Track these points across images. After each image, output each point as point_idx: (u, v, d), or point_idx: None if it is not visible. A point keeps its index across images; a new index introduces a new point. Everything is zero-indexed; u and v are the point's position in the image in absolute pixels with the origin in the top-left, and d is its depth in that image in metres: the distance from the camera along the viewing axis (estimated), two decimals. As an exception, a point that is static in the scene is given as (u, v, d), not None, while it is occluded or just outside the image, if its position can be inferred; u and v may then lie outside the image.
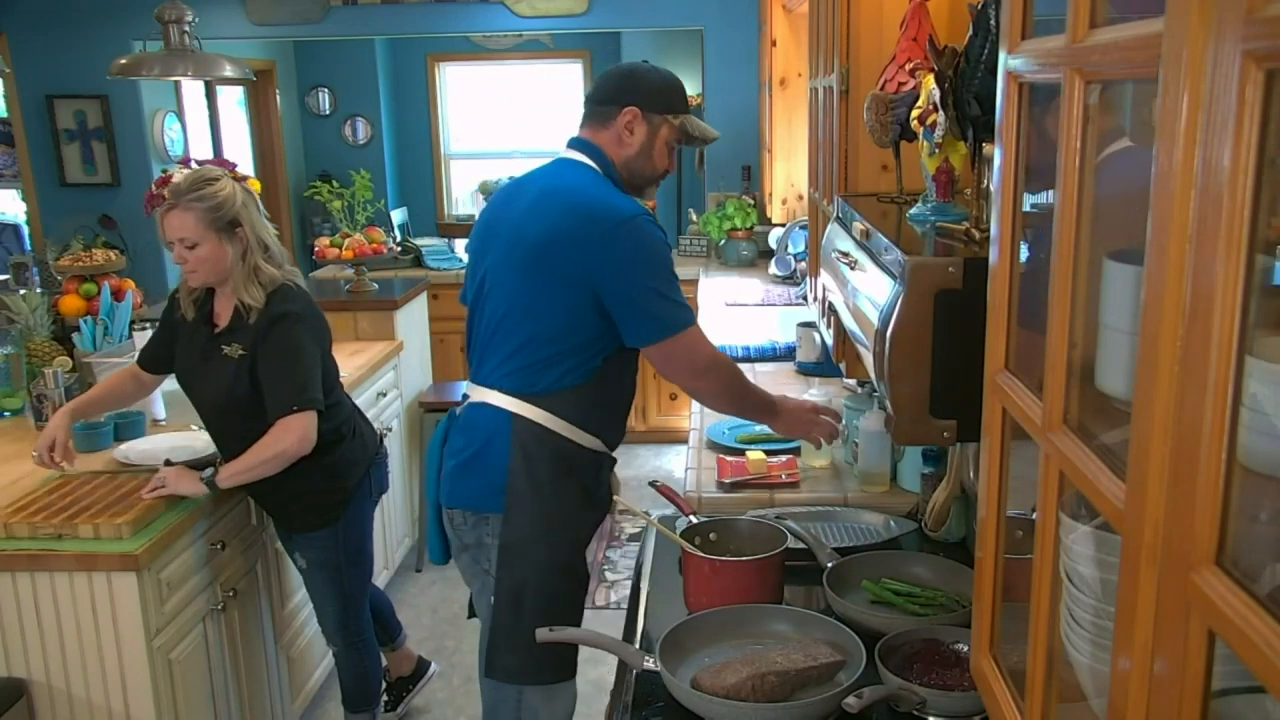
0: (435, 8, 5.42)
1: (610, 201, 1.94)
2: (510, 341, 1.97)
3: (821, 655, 1.55)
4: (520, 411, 1.95)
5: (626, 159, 2.03)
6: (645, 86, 2.03)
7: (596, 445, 2.02)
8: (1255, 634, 0.53)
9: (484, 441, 1.98)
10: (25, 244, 6.10)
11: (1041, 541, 0.92)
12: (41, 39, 5.44)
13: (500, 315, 1.98)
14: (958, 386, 1.24)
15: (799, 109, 4.32)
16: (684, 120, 2.05)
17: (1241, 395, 0.58)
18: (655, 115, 2.02)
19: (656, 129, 2.02)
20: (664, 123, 2.02)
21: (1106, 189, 0.84)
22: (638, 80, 2.04)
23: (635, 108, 2.00)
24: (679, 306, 1.94)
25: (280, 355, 2.33)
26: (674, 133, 2.04)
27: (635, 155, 2.03)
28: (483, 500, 1.98)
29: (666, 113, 2.02)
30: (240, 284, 2.34)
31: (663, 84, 2.05)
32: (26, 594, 2.16)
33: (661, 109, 2.02)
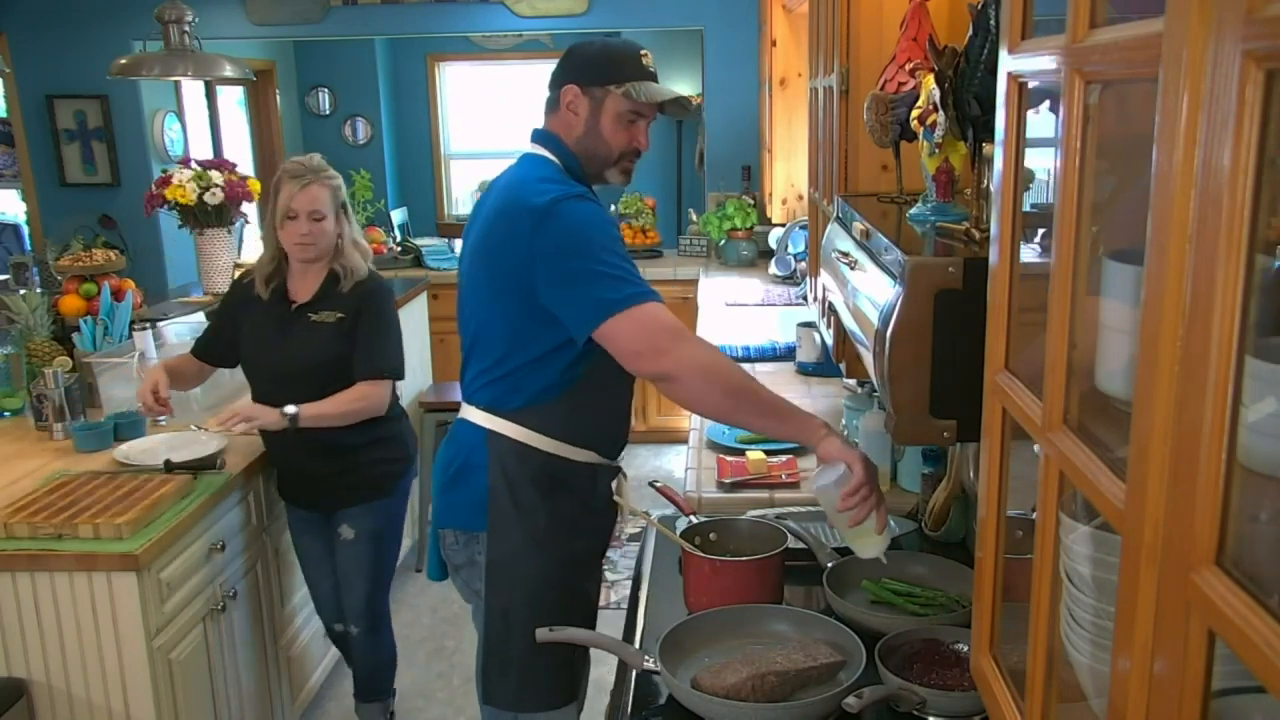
0: (435, 8, 5.42)
1: (531, 192, 1.78)
2: (485, 355, 1.88)
3: (821, 655, 1.55)
4: (497, 429, 1.85)
5: (578, 140, 1.89)
6: (581, 60, 1.89)
7: (590, 458, 1.90)
8: (1255, 634, 0.53)
9: (465, 459, 1.90)
10: (25, 244, 6.10)
11: (1041, 541, 0.92)
12: (41, 39, 5.44)
13: (473, 328, 1.90)
14: (958, 386, 1.24)
15: (799, 109, 4.32)
16: (629, 87, 1.84)
17: (1241, 395, 0.58)
18: (595, 89, 1.86)
19: (600, 103, 1.86)
20: (606, 95, 1.85)
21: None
22: (574, 55, 1.91)
23: (573, 84, 1.87)
24: (623, 282, 1.74)
25: (381, 323, 2.60)
26: (620, 103, 1.85)
27: (584, 135, 1.88)
28: (470, 518, 1.89)
29: (607, 83, 1.85)
30: (348, 254, 2.60)
31: (599, 54, 1.88)
32: (26, 594, 2.16)
33: (600, 80, 1.85)
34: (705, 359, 1.74)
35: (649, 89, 1.86)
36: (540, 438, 1.85)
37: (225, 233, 4.19)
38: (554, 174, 1.86)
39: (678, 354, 1.71)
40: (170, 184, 3.98)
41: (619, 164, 1.91)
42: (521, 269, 1.75)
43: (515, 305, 1.79)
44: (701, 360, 1.73)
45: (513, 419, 1.85)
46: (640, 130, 1.90)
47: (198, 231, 4.15)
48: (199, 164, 4.12)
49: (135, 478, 2.40)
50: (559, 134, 1.90)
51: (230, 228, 4.21)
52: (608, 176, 1.92)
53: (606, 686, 1.90)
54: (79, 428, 2.69)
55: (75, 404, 2.80)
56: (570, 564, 1.92)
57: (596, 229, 1.76)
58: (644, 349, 1.72)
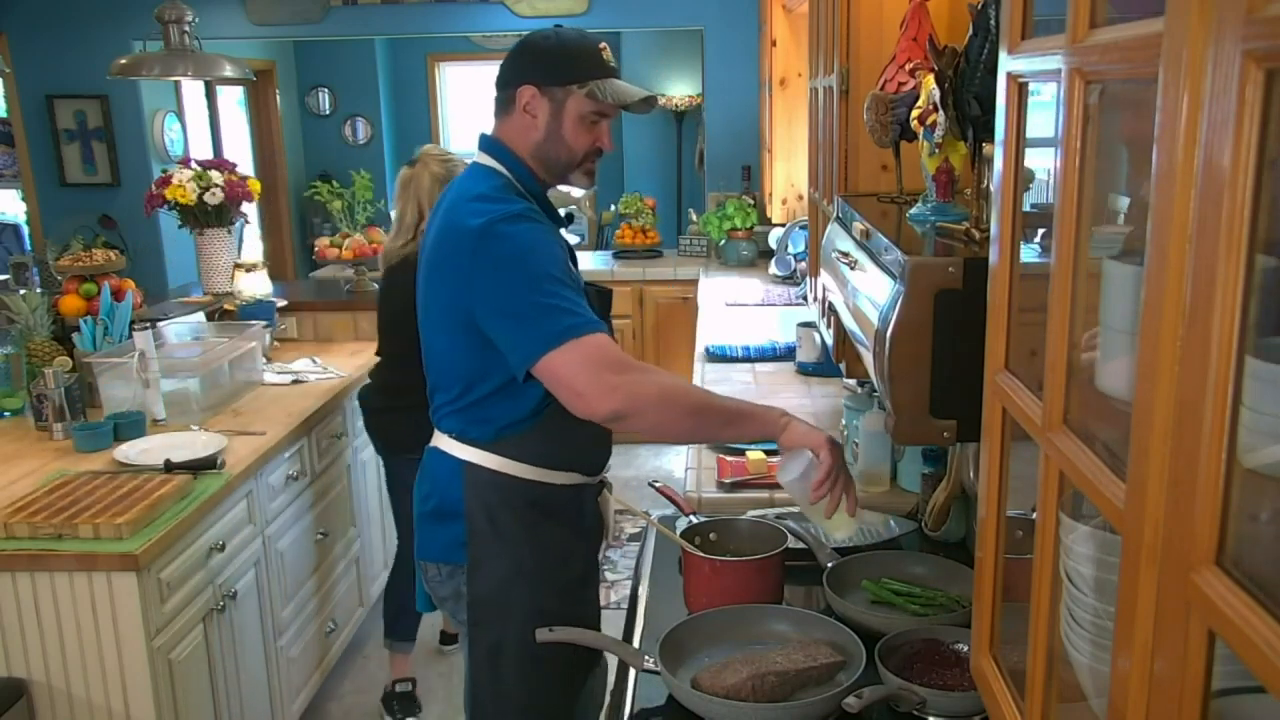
0: (435, 8, 5.42)
1: (468, 213, 1.67)
2: (449, 387, 1.78)
3: (821, 655, 1.55)
4: (472, 459, 1.76)
5: (536, 145, 1.75)
6: (538, 57, 1.74)
7: (572, 479, 1.81)
8: (1255, 634, 0.53)
9: (441, 491, 1.80)
10: (25, 244, 6.10)
11: (1041, 541, 0.92)
12: (41, 39, 5.44)
13: (433, 358, 1.81)
14: (958, 386, 1.24)
15: (799, 109, 4.32)
16: (593, 87, 1.72)
17: (1241, 395, 0.58)
18: (555, 89, 1.72)
19: (561, 104, 1.73)
20: (568, 95, 1.72)
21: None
22: (528, 51, 1.75)
23: (531, 85, 1.72)
24: (564, 313, 1.60)
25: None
26: (583, 104, 1.73)
27: (544, 140, 1.74)
28: (450, 552, 1.80)
29: (569, 82, 1.72)
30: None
31: (557, 49, 1.73)
32: (26, 594, 2.16)
33: (562, 79, 1.72)
34: (656, 387, 1.62)
35: (615, 88, 1.74)
36: (519, 465, 1.74)
37: (225, 233, 4.19)
38: (495, 190, 1.72)
39: (627, 388, 1.58)
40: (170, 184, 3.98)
41: (582, 166, 1.79)
42: (462, 296, 1.66)
43: (466, 336, 1.69)
44: (652, 389, 1.61)
45: (487, 449, 1.75)
46: (604, 130, 1.78)
47: (198, 231, 4.15)
48: (199, 164, 4.12)
49: (135, 478, 2.40)
50: (509, 140, 1.77)
51: (230, 228, 4.21)
52: (571, 180, 1.81)
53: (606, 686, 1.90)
54: (79, 428, 2.69)
55: (75, 404, 2.80)
56: (565, 594, 1.82)
57: (534, 252, 1.64)
58: (587, 387, 1.58)
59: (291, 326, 4.04)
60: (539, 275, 1.62)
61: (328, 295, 4.24)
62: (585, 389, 1.58)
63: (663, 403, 1.62)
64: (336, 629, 3.25)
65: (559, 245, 1.71)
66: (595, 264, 5.51)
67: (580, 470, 1.82)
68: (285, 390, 3.29)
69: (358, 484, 3.49)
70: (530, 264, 1.62)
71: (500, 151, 1.77)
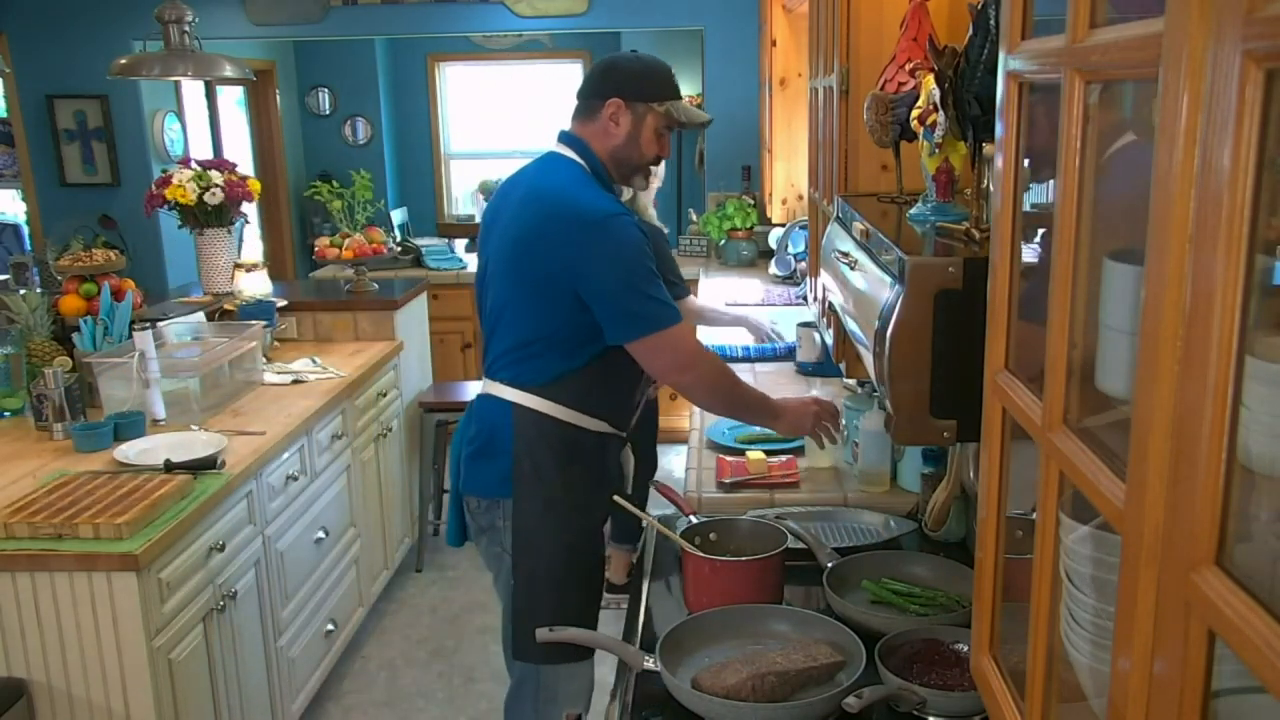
0: (435, 8, 5.41)
1: (588, 202, 1.98)
2: (508, 336, 2.07)
3: (821, 655, 1.55)
4: (520, 401, 2.04)
5: (613, 149, 2.07)
6: (627, 77, 2.06)
7: (602, 427, 2.09)
8: (1255, 634, 0.53)
9: (491, 431, 2.08)
10: (25, 244, 6.10)
11: (1041, 541, 0.92)
12: (41, 39, 5.44)
13: (498, 309, 2.08)
14: (958, 386, 1.24)
15: (799, 109, 4.32)
16: (669, 107, 2.06)
17: (1241, 395, 0.58)
18: (639, 104, 2.04)
19: (642, 118, 2.05)
20: (649, 111, 2.05)
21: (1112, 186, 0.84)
22: (619, 71, 2.07)
23: (618, 99, 2.04)
24: (660, 304, 1.97)
25: None
26: (660, 120, 2.06)
27: (622, 145, 2.07)
28: (494, 486, 2.08)
29: (651, 100, 2.05)
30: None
31: (645, 71, 2.07)
32: (26, 594, 2.16)
33: (645, 97, 2.05)
34: (714, 379, 2.08)
35: (686, 110, 2.09)
36: (559, 408, 2.03)
37: (225, 233, 4.19)
38: (583, 180, 2.05)
39: (696, 373, 2.05)
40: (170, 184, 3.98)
41: (645, 170, 2.12)
42: (565, 269, 1.95)
43: (550, 298, 1.99)
44: (711, 380, 2.08)
45: (537, 393, 2.03)
46: (667, 142, 2.12)
47: (198, 231, 4.14)
48: (199, 164, 4.11)
49: (135, 478, 2.40)
50: (589, 141, 2.08)
51: (230, 228, 4.21)
52: (634, 182, 2.15)
53: (606, 686, 1.90)
54: (79, 428, 2.69)
55: (75, 404, 2.80)
56: (586, 531, 2.12)
57: (641, 251, 1.97)
58: (669, 366, 2.03)
59: (291, 326, 4.04)
60: (644, 269, 1.96)
61: (328, 295, 4.24)
62: (668, 366, 2.03)
63: (713, 391, 2.11)
64: (336, 629, 3.25)
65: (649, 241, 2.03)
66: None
67: (609, 420, 2.10)
68: (285, 390, 3.29)
69: (357, 484, 3.49)
70: (638, 258, 1.96)
71: (581, 146, 2.09)
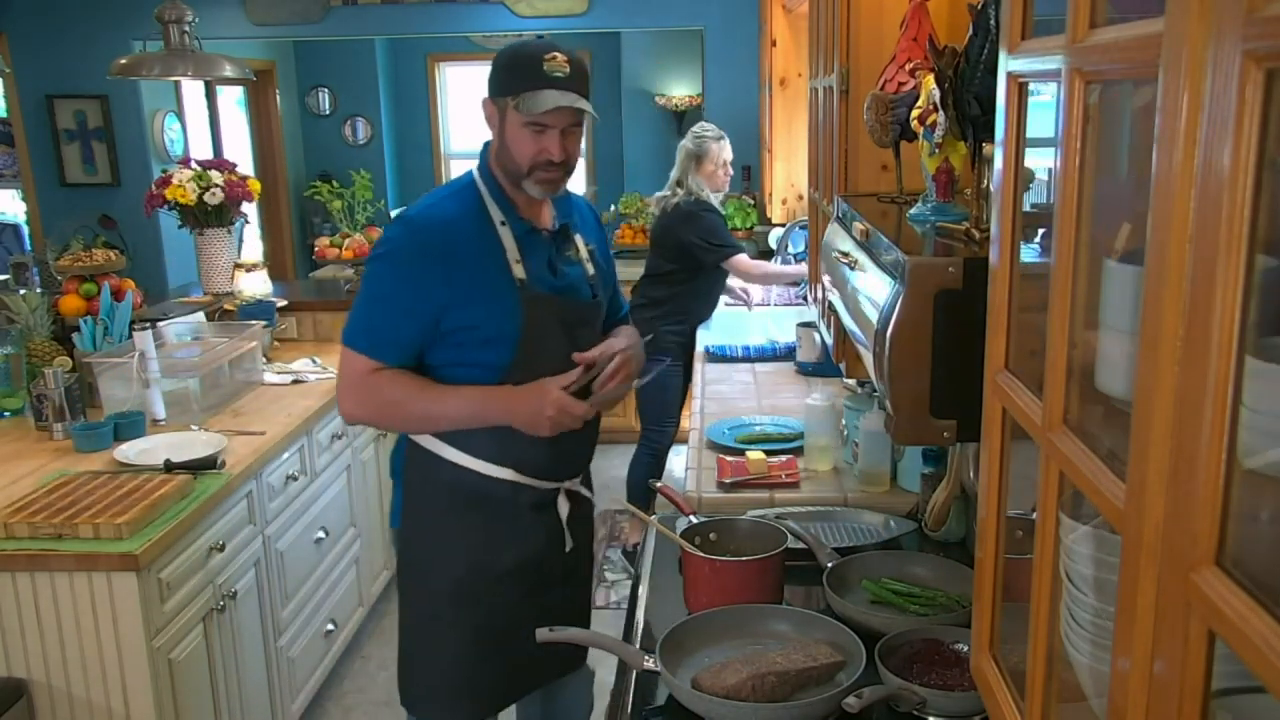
0: (435, 8, 5.41)
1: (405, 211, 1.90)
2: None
3: (821, 655, 1.55)
4: (420, 441, 1.92)
5: (496, 154, 1.88)
6: (493, 69, 1.85)
7: (509, 476, 1.89)
8: (1255, 634, 0.53)
9: (393, 460, 2.02)
10: (25, 244, 6.10)
11: (1041, 541, 0.92)
12: (41, 39, 5.44)
13: None
14: (958, 386, 1.24)
15: (799, 109, 4.32)
16: (521, 99, 1.76)
17: (1241, 395, 0.58)
18: (499, 99, 1.82)
19: (504, 114, 1.82)
20: (505, 106, 1.80)
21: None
22: (493, 65, 1.85)
23: (488, 98, 1.86)
24: (355, 322, 1.84)
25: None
26: (516, 115, 1.79)
27: (499, 150, 1.86)
28: (393, 514, 2.02)
29: (505, 94, 1.80)
30: None
31: (504, 61, 1.83)
32: (26, 594, 2.16)
33: (500, 91, 1.82)
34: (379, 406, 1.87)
35: (533, 99, 1.75)
36: (450, 448, 1.88)
37: (225, 233, 4.19)
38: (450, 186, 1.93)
39: (352, 403, 1.88)
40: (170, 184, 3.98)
41: (532, 175, 1.82)
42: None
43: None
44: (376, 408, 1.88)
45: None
46: (550, 140, 1.79)
47: (198, 231, 4.15)
48: (199, 164, 4.11)
49: (135, 478, 2.40)
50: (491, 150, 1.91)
51: (230, 228, 4.21)
52: (525, 189, 1.85)
53: (606, 686, 1.90)
54: (79, 428, 2.69)
55: (75, 404, 2.80)
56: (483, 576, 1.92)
57: (385, 261, 1.83)
58: (339, 389, 1.89)
59: (291, 326, 4.04)
60: (371, 285, 1.84)
61: (328, 295, 4.24)
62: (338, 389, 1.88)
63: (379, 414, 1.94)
64: (336, 629, 3.25)
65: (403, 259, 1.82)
66: (595, 264, 5.50)
67: (516, 469, 1.90)
68: (285, 390, 3.29)
69: (357, 484, 3.49)
70: (374, 271, 1.84)
71: (482, 159, 1.92)
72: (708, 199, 3.91)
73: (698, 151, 3.91)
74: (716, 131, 3.98)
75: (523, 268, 1.84)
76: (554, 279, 1.90)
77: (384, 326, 1.83)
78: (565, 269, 1.93)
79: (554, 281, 1.89)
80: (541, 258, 1.89)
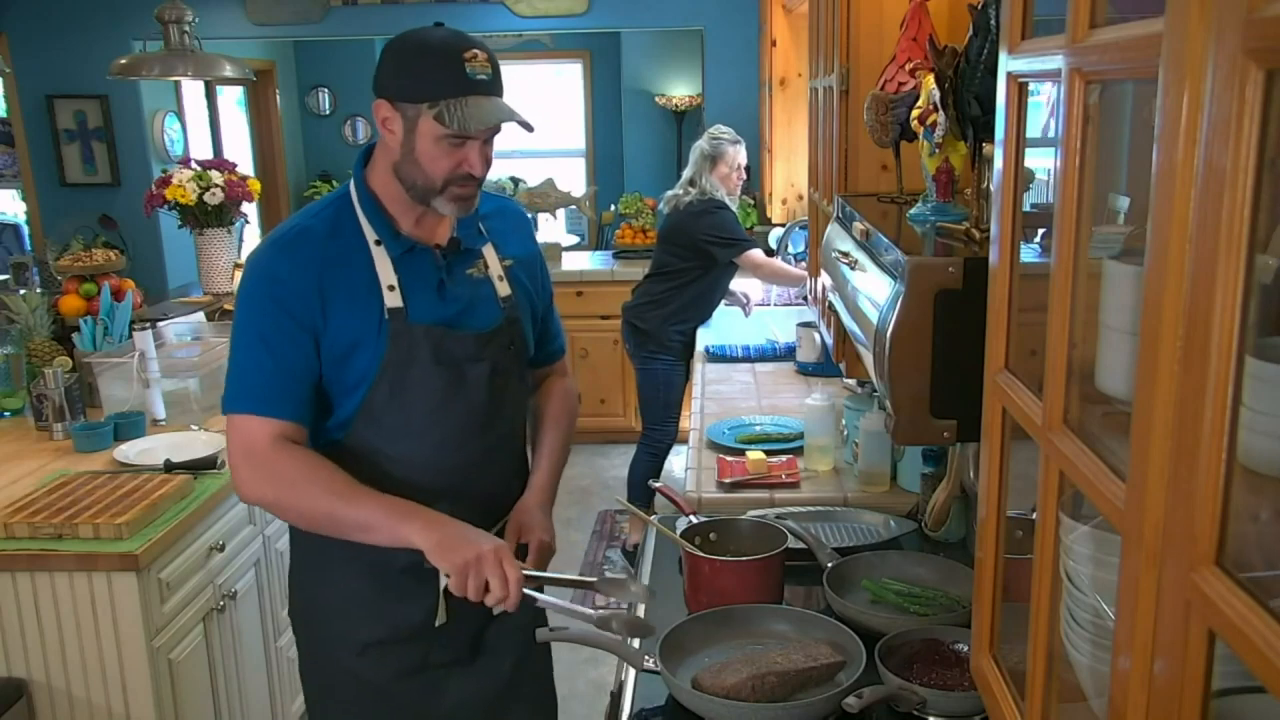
0: (435, 8, 5.41)
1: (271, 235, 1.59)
2: None
3: (821, 655, 1.55)
4: None
5: (395, 166, 1.54)
6: (391, 66, 1.51)
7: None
8: (1255, 634, 0.53)
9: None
10: (25, 244, 6.10)
11: (1041, 541, 0.92)
12: (41, 39, 5.44)
13: None
14: (958, 386, 1.24)
15: (799, 109, 4.32)
16: (442, 108, 1.45)
17: (1241, 395, 0.58)
18: (408, 105, 1.48)
19: (414, 124, 1.49)
20: (419, 114, 1.48)
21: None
22: (388, 58, 1.52)
23: (385, 99, 1.50)
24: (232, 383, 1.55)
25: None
26: (435, 127, 1.47)
27: (400, 161, 1.53)
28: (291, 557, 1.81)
29: (416, 100, 1.47)
30: None
31: (411, 58, 1.49)
32: (26, 594, 2.16)
33: (411, 96, 1.48)
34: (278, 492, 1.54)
35: (468, 110, 1.46)
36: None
37: (225, 233, 4.19)
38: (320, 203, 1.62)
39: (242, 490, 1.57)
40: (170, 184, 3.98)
41: (446, 192, 1.54)
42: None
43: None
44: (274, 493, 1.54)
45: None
46: (471, 153, 1.51)
47: (198, 231, 4.15)
48: (199, 164, 4.12)
49: (135, 478, 2.40)
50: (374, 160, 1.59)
51: (230, 228, 4.21)
52: (436, 207, 1.56)
53: (606, 686, 1.90)
54: (79, 428, 2.69)
55: (75, 404, 2.80)
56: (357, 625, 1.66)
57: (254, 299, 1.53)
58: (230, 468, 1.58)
59: (291, 326, 4.03)
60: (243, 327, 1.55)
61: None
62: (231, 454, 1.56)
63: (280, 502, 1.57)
64: (336, 629, 3.25)
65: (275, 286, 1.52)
66: (595, 264, 5.51)
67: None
68: (285, 390, 3.28)
69: (358, 484, 3.48)
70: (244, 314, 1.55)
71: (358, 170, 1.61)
72: (721, 198, 3.92)
73: (713, 153, 3.91)
74: (733, 135, 3.96)
75: (399, 294, 1.55)
76: (441, 305, 1.58)
77: (266, 373, 1.52)
78: (460, 291, 1.61)
79: (439, 309, 1.58)
80: (427, 281, 1.59)
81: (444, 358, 1.58)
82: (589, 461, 5.18)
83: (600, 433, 5.30)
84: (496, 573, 1.44)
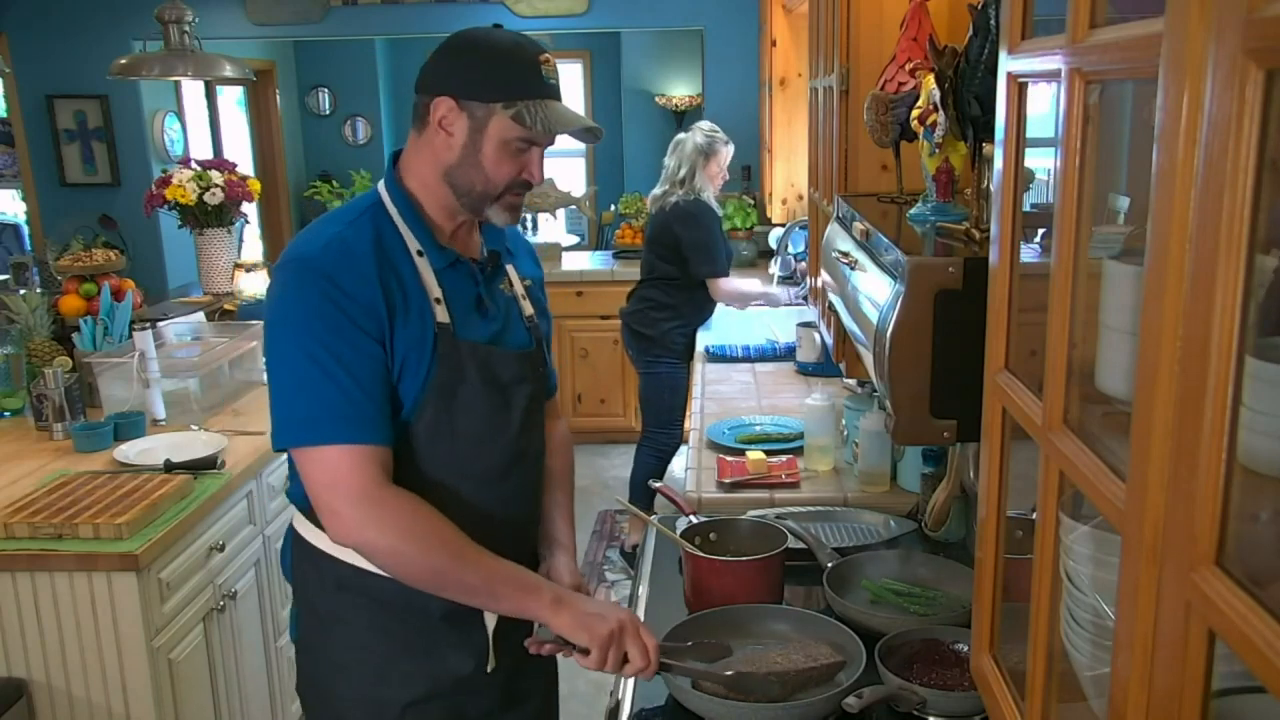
0: (435, 8, 5.41)
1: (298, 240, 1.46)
2: None
3: (821, 655, 1.55)
4: (298, 527, 1.56)
5: (448, 169, 1.45)
6: (460, 62, 1.43)
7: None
8: (1255, 634, 0.53)
9: (286, 561, 1.63)
10: (25, 244, 6.11)
11: (1041, 541, 0.92)
12: (41, 39, 5.44)
13: None
14: (958, 386, 1.24)
15: (799, 109, 4.32)
16: (520, 109, 1.40)
17: (1241, 395, 0.58)
18: (476, 104, 1.41)
19: (482, 124, 1.41)
20: (490, 115, 1.41)
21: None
22: (450, 52, 1.45)
23: (448, 96, 1.41)
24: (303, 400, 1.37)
25: None
26: (509, 128, 1.41)
27: (457, 164, 1.44)
28: (292, 625, 1.64)
29: (494, 100, 1.40)
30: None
31: (486, 56, 1.42)
32: (26, 594, 2.16)
33: (485, 95, 1.40)
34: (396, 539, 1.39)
35: (549, 113, 1.41)
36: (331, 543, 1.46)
37: (225, 233, 4.20)
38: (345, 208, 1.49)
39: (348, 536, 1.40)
40: (170, 184, 3.99)
41: (503, 199, 1.47)
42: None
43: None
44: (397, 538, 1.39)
45: (309, 515, 1.50)
46: (533, 160, 1.46)
47: (198, 231, 4.15)
48: (199, 164, 4.12)
49: (135, 478, 2.40)
50: (414, 162, 1.48)
51: (230, 228, 4.22)
52: (489, 215, 1.49)
53: (606, 686, 1.90)
54: (79, 428, 2.69)
55: (75, 404, 2.80)
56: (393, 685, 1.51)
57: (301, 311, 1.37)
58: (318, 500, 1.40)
59: (291, 326, 4.03)
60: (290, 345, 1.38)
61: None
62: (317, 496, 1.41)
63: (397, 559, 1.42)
64: (336, 629, 3.25)
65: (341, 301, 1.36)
66: (595, 264, 5.51)
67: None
68: (285, 390, 3.28)
69: (358, 484, 3.48)
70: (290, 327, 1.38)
71: (391, 177, 1.50)
72: (709, 201, 3.89)
73: (709, 149, 3.85)
74: (724, 135, 3.95)
75: (445, 309, 1.45)
76: (483, 322, 1.50)
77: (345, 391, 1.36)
78: (497, 308, 1.54)
79: (483, 326, 1.50)
80: (468, 295, 1.49)
81: (491, 378, 1.48)
82: (589, 462, 5.19)
83: (600, 433, 5.30)
84: (636, 644, 1.42)
